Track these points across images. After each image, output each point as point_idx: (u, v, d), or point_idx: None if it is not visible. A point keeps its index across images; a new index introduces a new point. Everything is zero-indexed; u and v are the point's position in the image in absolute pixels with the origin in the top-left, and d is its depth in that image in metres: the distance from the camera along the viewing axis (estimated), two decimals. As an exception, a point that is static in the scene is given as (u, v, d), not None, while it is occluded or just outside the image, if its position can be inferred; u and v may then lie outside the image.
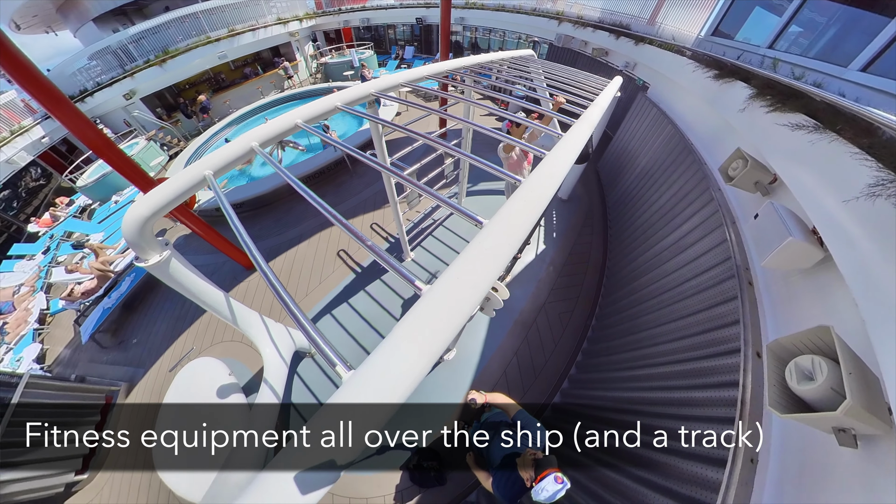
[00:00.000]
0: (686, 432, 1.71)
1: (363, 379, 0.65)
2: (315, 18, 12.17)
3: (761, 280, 1.86)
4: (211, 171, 1.64)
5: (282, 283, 1.02)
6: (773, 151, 1.93)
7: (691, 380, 1.93)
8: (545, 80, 3.17)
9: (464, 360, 3.38)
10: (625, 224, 4.07)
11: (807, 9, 2.29)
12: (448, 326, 0.72)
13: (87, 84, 8.14)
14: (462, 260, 0.84)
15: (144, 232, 1.69)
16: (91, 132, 3.00)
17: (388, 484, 2.77)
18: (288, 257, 4.71)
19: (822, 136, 1.62)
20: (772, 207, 1.62)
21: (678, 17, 4.23)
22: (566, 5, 6.98)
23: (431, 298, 0.75)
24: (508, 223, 0.96)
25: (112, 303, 4.61)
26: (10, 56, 2.30)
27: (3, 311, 5.28)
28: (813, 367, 1.09)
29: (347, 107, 1.90)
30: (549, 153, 1.35)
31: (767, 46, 2.57)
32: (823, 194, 1.47)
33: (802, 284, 1.60)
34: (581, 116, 1.83)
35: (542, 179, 1.17)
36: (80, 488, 3.40)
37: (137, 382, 3.98)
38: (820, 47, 2.21)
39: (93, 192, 7.22)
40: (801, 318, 1.54)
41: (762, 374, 1.57)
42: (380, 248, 0.98)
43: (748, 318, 1.73)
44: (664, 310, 2.55)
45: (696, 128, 3.35)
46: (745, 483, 1.32)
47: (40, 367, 4.53)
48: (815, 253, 1.46)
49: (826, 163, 1.55)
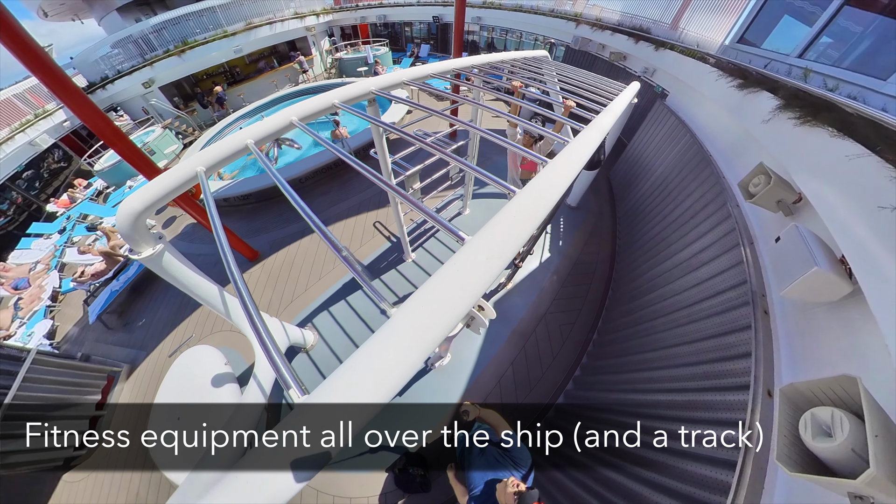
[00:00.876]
0: (682, 469, 1.60)
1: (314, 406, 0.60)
2: (332, 14, 12.19)
3: (778, 310, 1.71)
4: (203, 167, 1.60)
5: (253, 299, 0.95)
6: (800, 168, 1.77)
7: (692, 412, 1.80)
8: (558, 83, 3.04)
9: (458, 367, 3.30)
10: (634, 236, 3.90)
11: (841, 18, 2.12)
12: (411, 356, 0.65)
13: (109, 72, 8.37)
14: (434, 282, 0.75)
15: (138, 225, 1.66)
16: (101, 122, 3.02)
17: (372, 485, 2.73)
18: (290, 251, 4.71)
19: (858, 154, 1.46)
20: (796, 231, 1.47)
21: (702, 22, 4.03)
22: (585, 7, 6.75)
23: (395, 326, 0.68)
24: (494, 240, 0.86)
25: (120, 286, 4.70)
26: (24, 46, 2.33)
27: (20, 286, 5.47)
28: (832, 422, 0.96)
29: (345, 105, 1.82)
30: (552, 161, 1.24)
31: (797, 56, 2.39)
32: (856, 220, 1.32)
33: (825, 319, 1.45)
34: (592, 122, 1.71)
35: (540, 191, 1.06)
36: (78, 463, 3.49)
37: (138, 365, 4.05)
38: (854, 58, 2.04)
39: (108, 176, 7.41)
40: (821, 359, 1.40)
41: (771, 414, 1.44)
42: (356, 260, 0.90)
43: (761, 352, 1.59)
44: (669, 332, 2.41)
45: (716, 139, 3.16)
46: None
47: (50, 343, 4.68)
48: (843, 286, 1.31)
49: (861, 185, 1.39)
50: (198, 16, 8.98)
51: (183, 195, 3.78)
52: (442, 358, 3.23)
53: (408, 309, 0.70)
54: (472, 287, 0.75)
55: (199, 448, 3.03)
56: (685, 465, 1.60)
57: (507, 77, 2.94)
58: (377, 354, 0.65)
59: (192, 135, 9.07)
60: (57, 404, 3.37)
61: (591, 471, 2.10)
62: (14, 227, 7.31)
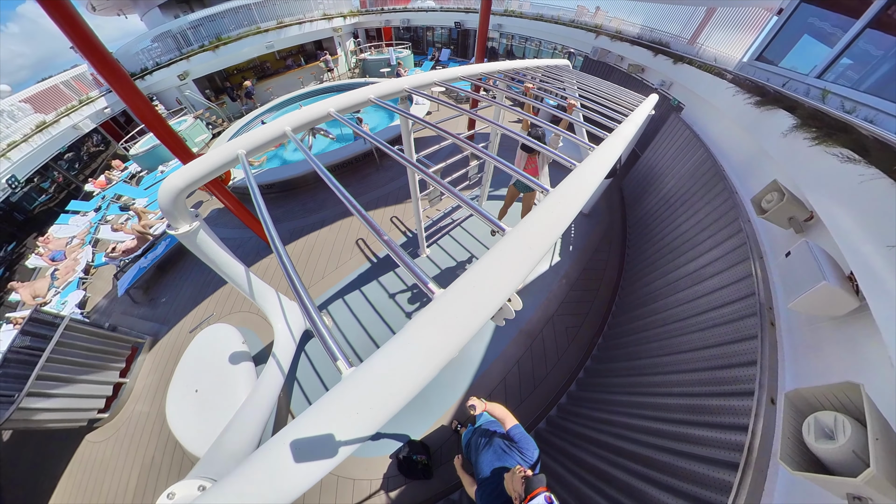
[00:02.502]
0: (685, 469, 1.62)
1: (362, 379, 0.63)
2: (358, 16, 12.43)
3: (784, 322, 1.72)
4: (244, 150, 1.68)
5: (296, 270, 1.01)
6: (814, 187, 1.78)
7: (696, 416, 1.81)
8: (579, 92, 3.07)
9: (465, 362, 3.35)
10: (644, 245, 3.89)
11: (861, 40, 2.10)
12: (458, 334, 0.68)
13: (148, 63, 8.72)
14: (480, 267, 0.80)
15: (178, 202, 1.75)
16: (144, 106, 3.17)
17: (376, 469, 2.80)
18: (309, 240, 4.83)
19: (869, 175, 1.47)
20: (806, 247, 1.48)
21: (721, 39, 4.01)
22: (605, 19, 6.75)
23: (444, 303, 0.72)
24: (532, 234, 0.90)
25: (147, 263, 4.89)
26: (82, 34, 2.49)
27: (57, 258, 5.72)
28: (835, 426, 0.99)
29: (381, 100, 1.89)
30: (580, 165, 1.28)
31: (816, 76, 2.37)
32: (865, 238, 1.33)
33: (831, 333, 1.46)
34: (615, 131, 1.74)
35: (571, 191, 1.09)
36: (101, 425, 3.65)
37: (161, 338, 4.22)
38: (873, 81, 2.02)
39: (143, 160, 7.69)
40: (825, 370, 1.41)
41: (774, 422, 1.45)
42: (395, 243, 0.95)
43: (766, 361, 1.60)
44: (675, 339, 2.42)
45: (730, 154, 3.15)
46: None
47: (80, 312, 4.87)
48: (850, 301, 1.32)
49: (873, 205, 1.40)
50: (233, 12, 9.28)
51: (214, 181, 3.92)
52: (450, 350, 3.28)
53: (454, 290, 0.74)
54: (516, 272, 0.79)
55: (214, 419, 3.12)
56: (688, 465, 1.61)
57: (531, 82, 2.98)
58: (425, 332, 0.68)
59: (220, 126, 9.34)
60: (85, 369, 3.54)
61: (593, 468, 2.12)
62: (54, 203, 7.62)
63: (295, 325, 3.10)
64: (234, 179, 5.65)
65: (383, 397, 0.60)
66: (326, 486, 2.77)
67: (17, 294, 5.15)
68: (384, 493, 2.68)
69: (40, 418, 3.15)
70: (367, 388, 0.61)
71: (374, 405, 0.59)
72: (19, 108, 7.00)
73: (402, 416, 3.04)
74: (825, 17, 2.43)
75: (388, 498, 2.66)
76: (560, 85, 3.11)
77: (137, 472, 3.23)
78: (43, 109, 7.34)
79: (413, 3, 12.65)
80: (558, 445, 2.57)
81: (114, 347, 3.85)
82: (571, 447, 2.43)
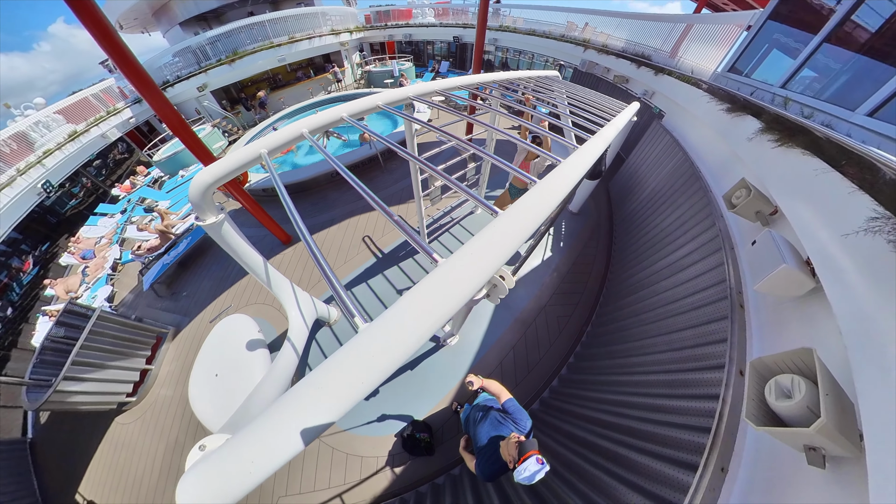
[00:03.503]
0: (664, 435, 1.68)
1: (376, 329, 0.68)
2: (364, 31, 12.52)
3: (752, 304, 1.78)
4: (266, 149, 1.74)
5: (314, 260, 1.05)
6: (777, 183, 1.84)
7: (674, 389, 1.87)
8: (567, 100, 3.14)
9: (465, 347, 3.40)
10: (629, 241, 3.96)
11: (821, 54, 2.19)
12: (460, 292, 0.73)
13: (169, 77, 8.80)
14: (477, 240, 0.86)
15: (206, 196, 1.81)
16: (171, 114, 3.23)
17: (382, 447, 2.84)
18: (319, 237, 4.89)
19: (825, 171, 1.54)
20: (769, 235, 1.55)
21: (697, 52, 4.09)
22: (593, 34, 6.83)
23: (448, 268, 0.78)
24: (521, 216, 0.97)
25: (170, 259, 4.93)
26: (119, 51, 2.58)
27: (87, 256, 5.77)
28: (792, 386, 1.04)
29: (388, 106, 1.96)
30: (564, 161, 1.34)
31: (780, 86, 2.46)
32: (820, 227, 1.40)
33: (791, 311, 1.52)
34: (597, 133, 1.81)
35: (556, 182, 1.17)
36: (129, 408, 3.71)
37: (183, 328, 4.26)
38: (832, 91, 2.10)
39: (165, 166, 7.74)
40: (786, 343, 1.47)
41: (742, 390, 1.50)
42: (404, 221, 1.01)
43: (735, 338, 1.67)
44: (657, 323, 2.48)
45: (705, 157, 3.22)
46: (712, 489, 1.28)
47: (109, 305, 4.94)
48: (807, 282, 1.39)
49: (826, 197, 1.47)
50: (248, 29, 9.36)
51: (233, 182, 3.98)
52: (452, 336, 3.34)
53: (456, 257, 0.80)
54: (506, 245, 0.84)
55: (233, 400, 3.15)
56: (667, 432, 1.67)
57: (522, 93, 3.05)
58: (430, 291, 0.73)
59: (236, 133, 9.40)
60: (114, 356, 3.59)
61: (581, 440, 2.18)
62: (84, 207, 7.69)
63: (307, 312, 3.15)
64: (250, 182, 5.70)
65: (395, 343, 0.66)
66: (337, 463, 2.81)
67: (52, 289, 5.22)
68: (390, 469, 2.73)
69: (74, 401, 3.21)
70: (381, 336, 0.67)
71: (387, 349, 0.65)
72: (53, 119, 7.12)
73: (405, 398, 3.09)
74: (789, 33, 2.52)
75: (394, 473, 2.71)
76: (550, 94, 3.18)
77: (163, 452, 3.27)
78: (74, 120, 7.47)
79: (414, 18, 12.73)
80: (550, 422, 2.62)
81: (140, 337, 3.90)
82: (562, 423, 2.49)
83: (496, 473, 1.47)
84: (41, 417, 4.03)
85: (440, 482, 2.68)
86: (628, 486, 1.59)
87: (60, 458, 3.60)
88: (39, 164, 6.42)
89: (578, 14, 7.50)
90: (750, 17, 3.07)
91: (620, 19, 6.08)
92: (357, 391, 0.62)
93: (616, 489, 1.63)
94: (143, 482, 3.14)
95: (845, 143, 1.60)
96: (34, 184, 6.22)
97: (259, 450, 0.60)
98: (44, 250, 6.86)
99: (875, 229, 1.13)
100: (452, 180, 1.27)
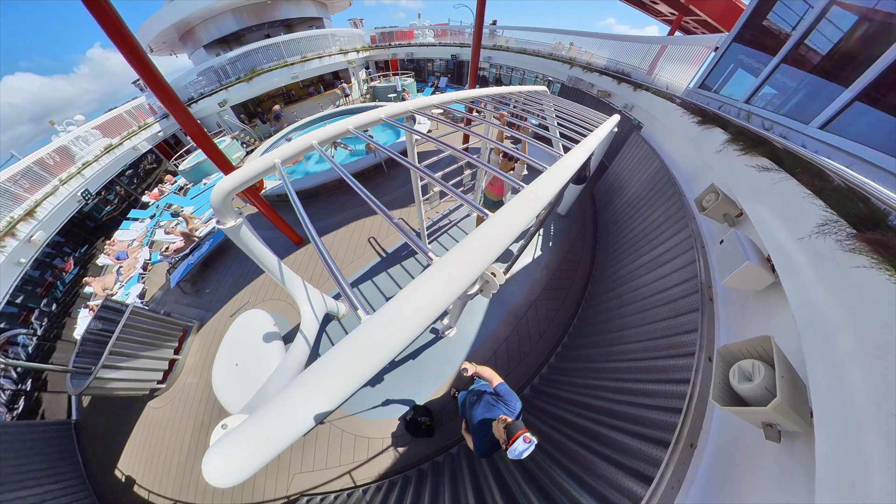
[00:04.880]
0: (641, 416, 1.70)
1: (376, 322, 0.70)
2: (369, 51, 12.54)
3: (720, 297, 1.80)
4: (279, 159, 1.76)
5: (323, 259, 1.07)
6: (742, 189, 1.86)
7: (650, 375, 1.89)
8: (555, 112, 3.16)
9: (462, 339, 3.42)
10: (611, 241, 3.97)
11: (779, 73, 2.23)
12: (454, 286, 0.74)
13: (193, 94, 8.87)
14: (469, 239, 0.87)
15: (226, 202, 1.83)
16: (195, 127, 3.26)
17: (386, 429, 2.87)
18: (328, 239, 4.90)
19: (783, 178, 1.56)
20: (735, 236, 1.56)
21: (672, 70, 4.11)
22: (578, 53, 6.84)
23: (442, 265, 0.80)
24: (511, 217, 0.98)
25: (194, 260, 4.95)
26: (149, 72, 2.63)
27: (121, 257, 5.81)
28: (752, 370, 1.06)
29: (391, 119, 1.97)
30: (550, 167, 1.35)
31: (744, 101, 2.49)
32: (779, 228, 1.41)
33: (754, 303, 1.54)
34: (580, 142, 1.83)
35: (540, 187, 1.18)
36: (160, 394, 3.74)
37: (206, 322, 4.28)
38: (789, 106, 2.14)
39: (189, 175, 7.76)
40: (749, 332, 1.49)
41: (710, 375, 1.52)
42: (403, 224, 1.03)
43: (705, 328, 1.68)
44: (635, 315, 2.50)
45: (679, 164, 3.23)
46: (682, 462, 1.31)
47: (140, 301, 4.97)
48: (768, 277, 1.41)
49: (782, 202, 1.49)
50: (265, 49, 9.41)
51: (250, 188, 4.00)
52: (451, 328, 3.35)
53: (449, 256, 0.82)
54: (497, 245, 0.86)
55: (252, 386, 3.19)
56: (644, 413, 1.69)
57: (513, 105, 3.07)
58: (424, 287, 0.74)
59: (253, 144, 9.41)
60: (145, 347, 3.61)
61: (567, 421, 2.20)
62: (118, 212, 7.76)
63: (318, 307, 3.17)
64: (265, 188, 5.72)
65: (392, 334, 0.68)
66: (346, 443, 2.83)
67: (91, 287, 5.25)
68: (394, 449, 2.75)
69: (112, 387, 3.25)
70: (380, 328, 0.69)
71: (385, 339, 0.67)
72: (91, 134, 7.26)
73: (408, 385, 3.11)
74: (751, 54, 2.55)
75: (398, 453, 2.74)
76: (539, 107, 3.19)
77: (190, 431, 3.31)
78: (109, 134, 7.60)
79: (416, 39, 12.76)
80: (540, 406, 2.64)
81: (168, 330, 3.92)
82: (550, 406, 2.51)
83: (490, 450, 1.50)
84: (83, 401, 4.06)
85: (440, 461, 2.70)
86: (608, 462, 1.61)
87: (101, 438, 3.63)
88: (79, 175, 6.52)
89: (565, 35, 7.52)
90: (717, 40, 3.09)
91: (603, 40, 6.09)
92: (358, 377, 0.64)
93: (597, 464, 1.65)
94: (174, 459, 3.17)
95: (800, 154, 1.63)
96: (74, 192, 6.32)
97: (273, 427, 0.62)
98: (83, 252, 6.92)
99: (825, 231, 1.15)
100: (448, 186, 1.29)
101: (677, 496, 1.22)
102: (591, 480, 1.60)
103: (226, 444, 0.62)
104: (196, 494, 2.90)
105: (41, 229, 5.48)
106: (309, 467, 2.78)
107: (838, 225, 1.14)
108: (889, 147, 1.46)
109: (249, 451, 0.61)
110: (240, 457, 0.61)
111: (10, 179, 5.39)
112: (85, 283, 5.37)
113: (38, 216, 5.50)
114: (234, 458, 0.61)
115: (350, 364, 0.65)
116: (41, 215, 5.55)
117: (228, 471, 0.60)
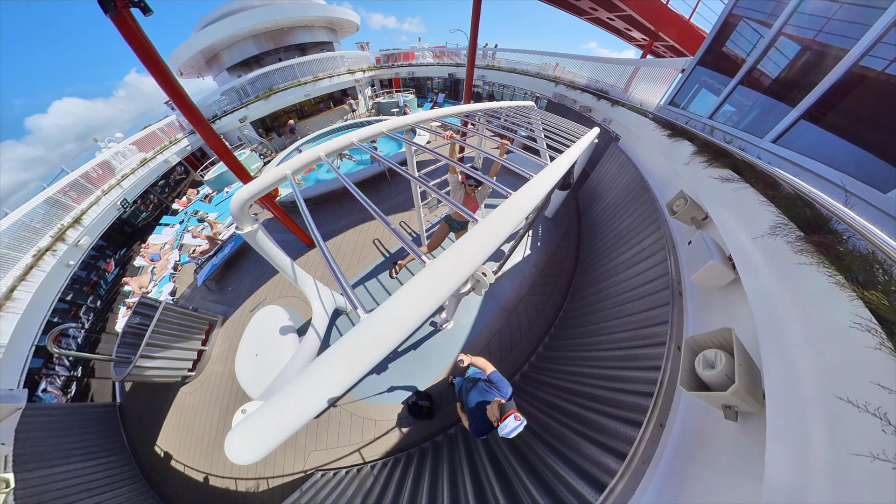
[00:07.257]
0: (617, 399, 1.72)
1: (374, 319, 0.72)
2: (374, 70, 12.56)
3: (689, 292, 1.81)
4: (290, 171, 1.74)
5: (332, 256, 1.09)
6: (707, 195, 1.87)
7: (627, 363, 1.91)
8: (541, 125, 3.16)
9: (458, 331, 3.42)
10: (593, 241, 3.98)
11: (737, 94, 2.28)
12: (444, 287, 0.75)
13: (217, 111, 8.91)
14: (460, 243, 0.88)
15: (244, 209, 1.82)
16: (218, 142, 3.26)
17: (391, 412, 2.88)
18: (336, 240, 4.90)
19: (741, 187, 1.57)
20: (701, 237, 1.58)
21: (645, 88, 4.14)
22: (562, 72, 6.85)
23: (434, 267, 0.80)
24: (499, 222, 0.97)
25: (218, 260, 4.96)
26: (178, 93, 2.66)
27: (155, 259, 5.84)
28: (715, 359, 1.08)
29: (391, 132, 1.98)
30: (536, 175, 1.34)
31: (708, 117, 2.52)
32: (738, 230, 1.43)
33: (718, 298, 1.55)
34: (564, 152, 1.83)
35: (529, 192, 1.17)
36: (190, 381, 3.76)
37: (229, 317, 4.30)
38: (746, 122, 2.18)
39: (213, 184, 7.78)
40: (713, 324, 1.50)
41: (679, 363, 1.54)
42: (400, 230, 1.03)
43: (675, 320, 1.70)
44: (614, 309, 2.51)
45: (652, 173, 3.24)
46: (653, 440, 1.32)
47: (171, 298, 4.98)
48: (729, 274, 1.42)
49: (741, 207, 1.50)
50: (281, 71, 9.44)
51: (266, 196, 4.01)
52: (448, 322, 3.37)
53: (442, 259, 0.82)
54: (486, 247, 0.86)
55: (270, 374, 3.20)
56: (620, 396, 1.70)
57: (504, 118, 3.06)
58: (419, 286, 0.75)
59: (269, 156, 9.41)
60: (177, 339, 3.63)
61: (553, 404, 2.21)
62: (152, 219, 7.85)
63: (327, 303, 3.17)
64: (280, 196, 5.72)
65: (385, 329, 0.69)
66: (355, 425, 2.85)
67: (129, 286, 5.30)
68: (398, 430, 2.77)
69: (149, 374, 3.28)
70: (377, 324, 0.70)
71: (382, 332, 0.68)
72: (128, 149, 7.38)
73: (410, 372, 3.12)
74: (713, 76, 2.60)
75: (401, 433, 2.75)
76: (527, 120, 3.19)
77: (217, 415, 3.34)
78: (144, 149, 7.70)
79: (416, 59, 12.81)
80: (529, 391, 2.66)
81: (196, 324, 3.93)
82: (538, 391, 2.52)
83: (485, 430, 1.52)
84: (126, 387, 4.09)
85: (439, 440, 2.72)
86: (588, 441, 1.63)
87: (141, 419, 3.67)
88: (118, 186, 6.63)
89: (550, 56, 7.53)
90: (683, 63, 3.12)
91: (584, 62, 6.10)
92: (358, 368, 0.65)
93: (579, 443, 1.67)
94: (204, 437, 3.22)
95: (756, 164, 1.64)
96: (115, 201, 6.43)
97: (287, 411, 0.64)
98: (122, 254, 7.02)
99: (777, 233, 1.16)
100: (442, 194, 1.29)
101: (647, 469, 1.24)
102: (573, 457, 1.62)
103: (245, 426, 0.64)
104: (225, 469, 2.94)
105: (87, 234, 5.56)
106: (322, 446, 2.81)
107: (788, 228, 1.15)
108: (829, 159, 1.48)
109: (265, 433, 0.62)
110: (257, 438, 0.62)
111: (61, 191, 5.53)
112: (124, 282, 5.42)
113: (84, 223, 5.59)
114: (253, 437, 0.62)
115: (351, 357, 0.66)
116: (86, 222, 5.64)
117: (247, 450, 0.61)
